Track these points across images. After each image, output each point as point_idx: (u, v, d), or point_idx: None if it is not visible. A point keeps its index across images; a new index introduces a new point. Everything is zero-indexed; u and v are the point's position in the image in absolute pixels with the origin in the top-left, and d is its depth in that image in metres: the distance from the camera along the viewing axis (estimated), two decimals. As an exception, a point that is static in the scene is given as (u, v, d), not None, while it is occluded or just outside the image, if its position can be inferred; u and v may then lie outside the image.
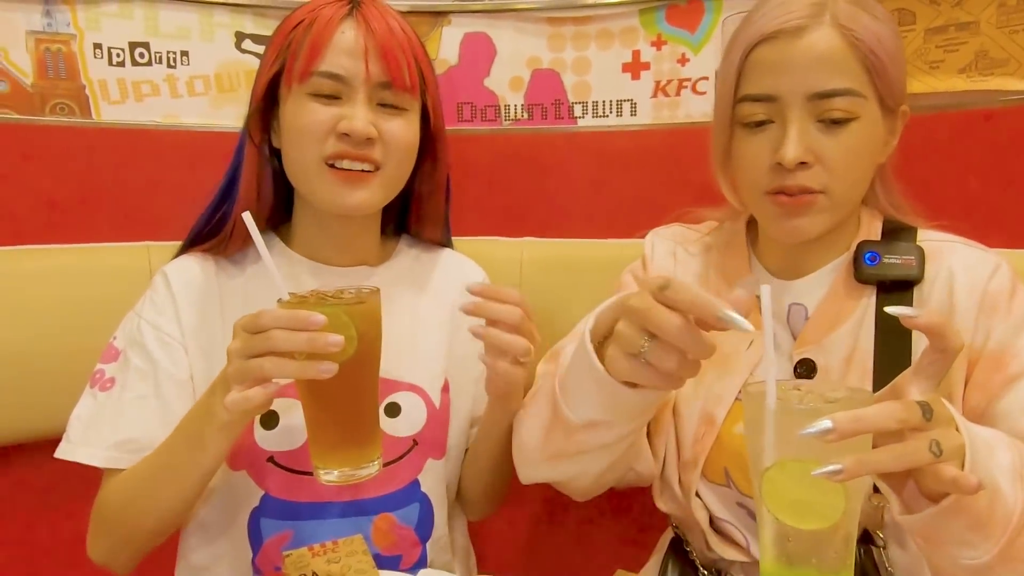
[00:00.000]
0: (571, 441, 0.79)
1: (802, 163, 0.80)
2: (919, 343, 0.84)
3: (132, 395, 0.92)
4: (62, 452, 0.92)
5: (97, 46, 1.36)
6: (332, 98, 0.90)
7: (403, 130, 0.93)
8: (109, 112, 1.37)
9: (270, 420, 0.92)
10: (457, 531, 1.07)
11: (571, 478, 0.90)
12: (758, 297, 0.61)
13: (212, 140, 1.41)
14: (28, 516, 1.26)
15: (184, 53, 1.41)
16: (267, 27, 1.46)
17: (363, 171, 0.91)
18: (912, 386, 0.61)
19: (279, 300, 0.76)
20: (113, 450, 0.90)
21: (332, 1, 0.93)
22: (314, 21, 0.90)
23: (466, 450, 1.06)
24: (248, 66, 1.46)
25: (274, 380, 0.74)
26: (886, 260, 0.86)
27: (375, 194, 0.93)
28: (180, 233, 1.23)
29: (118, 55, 1.37)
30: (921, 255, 0.86)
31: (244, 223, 0.91)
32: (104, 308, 1.19)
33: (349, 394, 0.76)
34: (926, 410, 0.58)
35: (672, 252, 1.02)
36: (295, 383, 0.78)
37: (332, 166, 0.91)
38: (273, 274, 0.76)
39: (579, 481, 0.90)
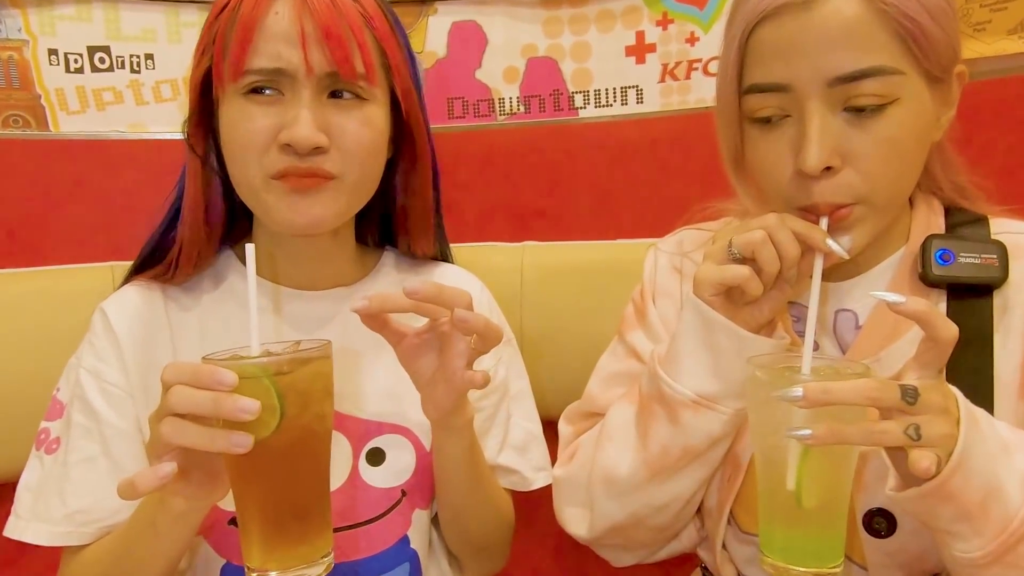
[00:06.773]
0: (677, 430, 0.73)
1: (828, 168, 0.67)
2: (1003, 356, 0.71)
3: (77, 457, 0.79)
4: (10, 531, 0.80)
5: (52, 52, 1.27)
6: (274, 93, 0.75)
7: (362, 126, 0.77)
8: (68, 123, 1.30)
9: None
10: None
11: (657, 509, 0.78)
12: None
13: (182, 149, 1.31)
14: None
15: (149, 56, 1.33)
16: (238, 24, 1.37)
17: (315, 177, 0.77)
18: (910, 372, 0.61)
19: (204, 357, 0.62)
20: (63, 524, 0.78)
21: None
22: (240, 3, 0.75)
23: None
24: (219, 67, 1.36)
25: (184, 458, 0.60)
26: (962, 259, 0.73)
27: (332, 206, 0.77)
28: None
29: (76, 61, 1.28)
30: (1003, 252, 0.73)
31: (190, 249, 0.82)
32: (66, 337, 1.09)
33: (284, 478, 0.62)
34: (907, 392, 0.57)
35: (677, 267, 0.88)
36: (223, 459, 0.64)
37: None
38: (252, 316, 0.63)
39: (660, 516, 0.78)
